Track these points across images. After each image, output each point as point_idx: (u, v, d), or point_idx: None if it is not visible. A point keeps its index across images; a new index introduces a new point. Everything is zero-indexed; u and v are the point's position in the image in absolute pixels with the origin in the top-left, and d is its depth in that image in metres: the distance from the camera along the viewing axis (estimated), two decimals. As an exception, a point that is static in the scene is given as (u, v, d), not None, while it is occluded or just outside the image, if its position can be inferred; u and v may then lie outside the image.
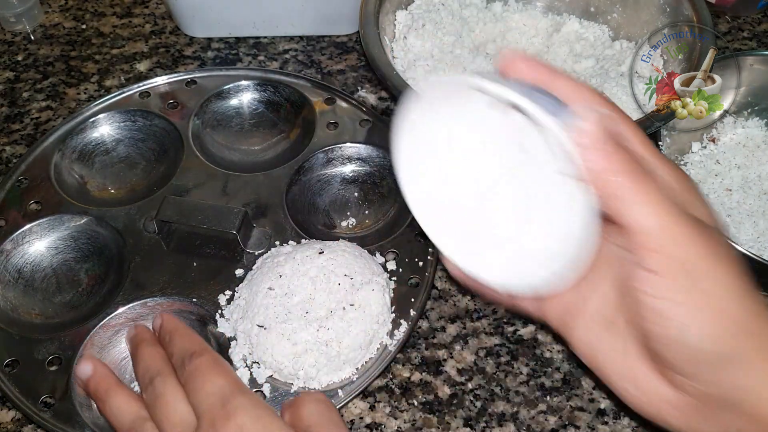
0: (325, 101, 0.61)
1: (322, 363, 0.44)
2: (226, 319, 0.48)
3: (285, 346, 0.44)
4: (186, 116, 0.60)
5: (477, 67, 0.58)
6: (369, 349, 0.46)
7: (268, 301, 0.46)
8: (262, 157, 0.60)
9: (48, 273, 0.52)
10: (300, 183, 0.56)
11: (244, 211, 0.51)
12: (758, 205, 0.55)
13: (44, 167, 0.57)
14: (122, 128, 0.60)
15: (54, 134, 0.59)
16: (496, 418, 0.46)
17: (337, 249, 0.48)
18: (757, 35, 0.72)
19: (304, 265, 0.47)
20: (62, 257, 0.53)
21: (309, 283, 0.46)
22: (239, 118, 0.62)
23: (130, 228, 0.53)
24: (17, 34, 0.71)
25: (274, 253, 0.50)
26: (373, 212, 0.56)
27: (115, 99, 0.61)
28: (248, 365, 0.46)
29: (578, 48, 0.63)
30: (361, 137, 0.58)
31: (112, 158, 0.60)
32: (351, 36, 0.70)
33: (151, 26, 0.72)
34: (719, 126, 0.60)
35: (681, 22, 0.57)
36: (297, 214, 0.55)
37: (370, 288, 0.46)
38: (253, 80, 0.62)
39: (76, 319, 0.49)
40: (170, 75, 0.63)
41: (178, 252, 0.52)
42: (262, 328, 0.45)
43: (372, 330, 0.46)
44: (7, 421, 0.46)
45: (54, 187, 0.55)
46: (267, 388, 0.45)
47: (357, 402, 0.47)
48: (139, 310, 0.49)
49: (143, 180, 0.58)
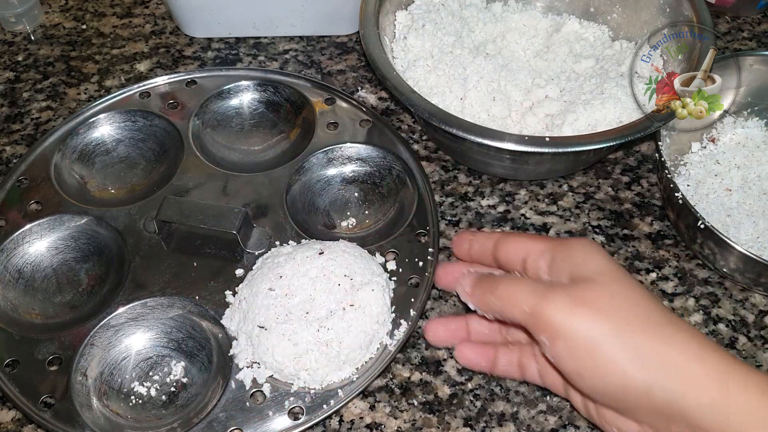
0: (325, 101, 0.61)
1: (322, 363, 0.44)
2: (227, 319, 0.48)
3: (286, 347, 0.44)
4: (186, 116, 0.60)
5: (477, 67, 0.58)
6: (369, 349, 0.46)
7: (269, 302, 0.46)
8: (262, 158, 0.60)
9: (48, 273, 0.52)
10: (300, 183, 0.56)
11: (244, 212, 0.51)
12: (758, 205, 0.55)
13: (44, 167, 0.57)
14: (122, 128, 0.60)
15: (54, 134, 0.59)
16: (496, 418, 0.46)
17: (337, 249, 0.48)
18: (757, 35, 0.72)
19: (304, 265, 0.47)
20: (62, 257, 0.53)
21: (309, 283, 0.46)
22: (239, 118, 0.62)
23: (130, 228, 0.53)
24: (17, 34, 0.71)
25: (274, 254, 0.50)
26: (373, 212, 0.56)
27: (115, 99, 0.61)
28: (249, 365, 0.46)
29: (578, 48, 0.63)
30: (361, 137, 0.58)
31: (112, 158, 0.60)
32: (351, 36, 0.70)
33: (152, 26, 0.72)
34: (719, 126, 0.60)
35: (681, 22, 0.57)
36: (297, 214, 0.55)
37: (370, 288, 0.46)
38: (253, 80, 0.62)
39: (77, 319, 0.49)
40: (170, 75, 0.63)
41: (178, 252, 0.52)
42: (262, 328, 0.45)
43: (372, 330, 0.46)
44: (7, 421, 0.46)
45: (54, 187, 0.55)
46: (267, 388, 0.45)
47: (357, 402, 0.47)
48: (139, 310, 0.49)
49: (143, 180, 0.58)
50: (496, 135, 0.49)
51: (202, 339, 0.48)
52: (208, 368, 0.47)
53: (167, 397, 0.46)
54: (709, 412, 0.32)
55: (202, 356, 0.48)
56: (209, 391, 0.46)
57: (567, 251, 0.38)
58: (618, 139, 0.50)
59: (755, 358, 0.49)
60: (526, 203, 0.58)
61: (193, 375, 0.47)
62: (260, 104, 0.63)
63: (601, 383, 0.34)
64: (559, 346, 0.34)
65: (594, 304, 0.34)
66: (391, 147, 0.57)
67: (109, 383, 0.47)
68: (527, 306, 0.36)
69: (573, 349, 0.34)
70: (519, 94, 0.58)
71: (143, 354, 0.48)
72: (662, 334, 0.34)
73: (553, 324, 0.34)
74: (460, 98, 0.57)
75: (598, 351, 0.33)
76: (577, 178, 0.60)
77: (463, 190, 0.58)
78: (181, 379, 0.47)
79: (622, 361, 0.33)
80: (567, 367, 0.35)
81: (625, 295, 0.35)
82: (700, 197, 0.56)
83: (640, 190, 0.59)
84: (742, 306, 0.52)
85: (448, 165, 0.60)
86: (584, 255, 0.37)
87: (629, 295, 0.35)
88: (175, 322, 0.49)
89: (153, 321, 0.49)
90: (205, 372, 0.47)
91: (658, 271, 0.54)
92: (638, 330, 0.34)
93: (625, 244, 0.55)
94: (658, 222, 0.57)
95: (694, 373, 0.33)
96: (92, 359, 0.47)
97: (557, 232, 0.56)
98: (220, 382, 0.46)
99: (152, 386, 0.47)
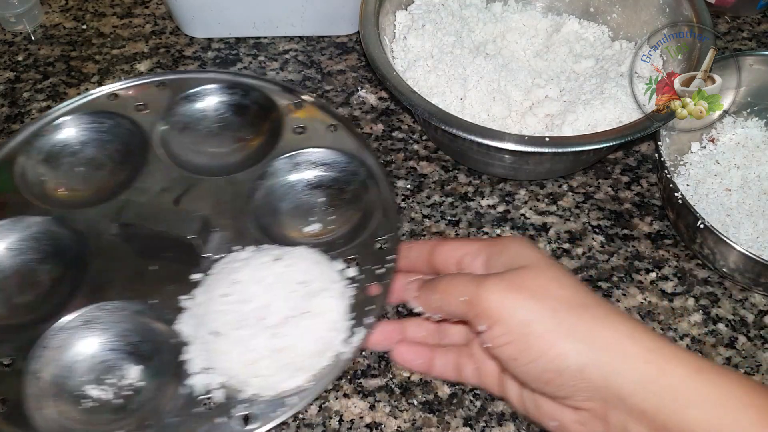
0: (294, 105, 0.60)
1: (275, 370, 0.44)
2: (182, 324, 0.47)
3: (238, 353, 0.43)
4: (153, 118, 0.59)
5: (477, 67, 0.58)
6: (324, 357, 0.45)
7: (223, 308, 0.45)
8: (227, 161, 0.59)
9: (7, 274, 0.51)
10: (264, 188, 0.55)
11: (203, 216, 0.50)
12: (757, 205, 0.55)
13: (8, 168, 0.55)
14: (90, 130, 0.59)
15: (20, 135, 0.58)
16: (495, 417, 0.46)
17: (295, 255, 0.48)
18: (757, 35, 0.72)
19: (260, 271, 0.46)
20: (23, 258, 0.52)
21: (265, 289, 0.45)
22: (207, 121, 0.61)
23: (92, 230, 0.52)
24: (17, 34, 0.71)
25: (231, 259, 0.49)
26: (337, 218, 0.55)
27: (84, 100, 0.60)
28: (202, 371, 0.45)
29: (578, 48, 0.63)
30: (328, 142, 0.57)
31: (79, 160, 0.58)
32: (351, 36, 0.70)
33: (152, 27, 0.72)
34: (719, 126, 0.60)
35: (681, 22, 0.57)
36: (260, 218, 0.53)
37: (327, 295, 0.46)
38: (222, 83, 0.61)
39: (32, 320, 0.48)
40: (139, 77, 0.62)
41: (138, 255, 0.51)
42: (215, 334, 0.44)
43: (328, 337, 0.45)
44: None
45: (18, 189, 0.54)
46: (219, 394, 0.44)
47: (357, 402, 0.47)
48: (95, 313, 0.48)
49: (108, 182, 0.57)
50: (496, 135, 0.50)
51: (156, 343, 0.47)
52: (162, 373, 0.46)
53: (120, 401, 0.46)
54: (642, 390, 0.33)
55: (157, 361, 0.47)
56: (162, 396, 0.45)
57: (500, 247, 0.39)
58: (618, 139, 0.50)
59: (755, 358, 0.49)
60: (526, 203, 0.58)
61: (147, 379, 0.46)
62: (228, 107, 0.61)
63: (537, 367, 0.35)
64: (496, 330, 0.35)
65: (528, 287, 0.36)
66: (358, 153, 0.56)
67: (63, 386, 0.46)
68: (466, 294, 0.37)
69: (509, 332, 0.35)
70: (519, 94, 0.58)
71: (98, 357, 0.47)
72: (594, 315, 0.35)
73: (490, 309, 0.35)
74: (460, 98, 0.57)
75: (533, 332, 0.34)
76: (577, 178, 0.60)
77: (463, 190, 0.59)
78: (134, 384, 0.46)
79: (556, 340, 0.34)
80: (504, 353, 0.36)
81: (558, 279, 0.36)
82: (700, 197, 0.56)
83: (639, 190, 0.59)
84: (741, 306, 0.52)
85: (448, 165, 0.60)
86: (517, 249, 0.39)
87: (562, 280, 0.36)
88: (131, 325, 0.48)
89: (109, 324, 0.48)
90: (158, 377, 0.46)
91: (657, 271, 0.54)
92: (571, 311, 0.35)
93: (624, 244, 0.55)
94: (657, 222, 0.57)
95: (626, 351, 0.33)
96: (46, 362, 0.46)
97: (557, 232, 0.56)
98: (173, 387, 0.45)
99: (106, 390, 0.46)
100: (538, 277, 0.36)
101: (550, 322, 0.34)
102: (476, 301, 0.36)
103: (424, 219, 0.56)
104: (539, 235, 0.56)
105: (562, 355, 0.34)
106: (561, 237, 0.56)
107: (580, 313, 0.35)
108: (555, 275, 0.37)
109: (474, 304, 0.36)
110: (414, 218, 0.57)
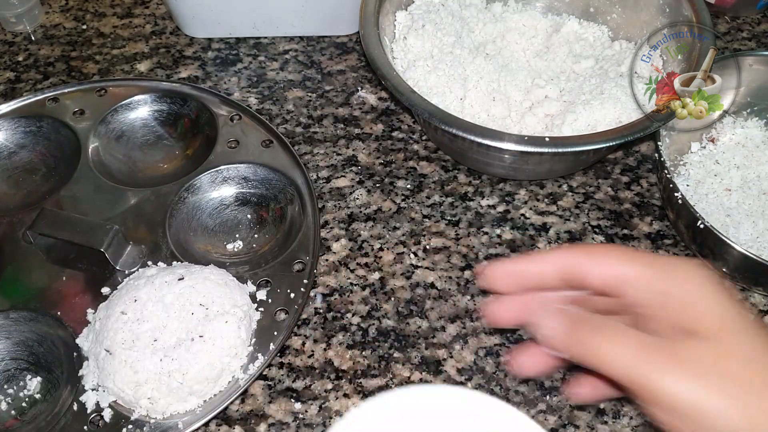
0: (231, 118, 0.59)
1: (163, 393, 0.43)
2: (83, 338, 0.47)
3: (126, 374, 0.43)
4: (89, 126, 0.58)
5: (477, 67, 0.58)
6: (218, 383, 0.45)
7: (119, 326, 0.44)
8: (156, 173, 0.58)
9: None
10: (188, 202, 0.55)
11: (115, 228, 0.50)
12: (757, 205, 0.55)
13: None
14: (27, 134, 0.59)
15: None
16: (495, 417, 0.46)
17: (200, 276, 0.47)
18: (757, 35, 0.72)
19: (161, 290, 0.46)
20: None
21: (163, 310, 0.45)
22: (143, 130, 0.61)
23: (9, 236, 0.52)
24: (18, 34, 0.72)
25: (137, 275, 0.48)
26: (261, 237, 0.54)
27: (24, 103, 0.60)
28: (94, 388, 0.45)
29: (578, 48, 0.63)
30: (260, 158, 0.56)
31: (13, 163, 0.58)
32: (351, 36, 0.70)
33: (152, 27, 0.72)
34: (718, 126, 0.60)
35: (680, 22, 0.57)
36: (178, 234, 0.53)
37: (224, 320, 0.45)
38: (160, 93, 0.61)
39: None
40: (82, 83, 0.62)
41: (51, 264, 0.51)
42: (107, 352, 0.44)
43: (222, 363, 0.44)
44: None
45: None
46: (108, 413, 0.44)
47: (357, 401, 0.47)
48: (1, 321, 0.48)
49: (40, 187, 0.57)
50: (496, 135, 0.50)
51: (59, 356, 0.47)
52: (61, 386, 0.46)
53: (16, 411, 0.45)
54: None
55: (58, 373, 0.47)
56: (56, 409, 0.45)
57: (670, 282, 0.32)
58: (618, 139, 0.50)
59: (755, 358, 0.49)
60: (526, 203, 0.58)
61: (46, 391, 0.46)
62: (164, 117, 0.61)
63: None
64: (666, 416, 0.30)
65: (711, 375, 0.30)
66: (288, 171, 0.56)
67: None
68: (627, 366, 0.31)
69: (683, 423, 0.30)
70: (519, 94, 0.58)
71: (0, 366, 0.47)
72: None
73: (662, 398, 0.30)
74: (460, 98, 0.57)
75: (708, 421, 0.29)
76: (576, 178, 0.60)
77: (463, 190, 0.59)
78: (34, 394, 0.46)
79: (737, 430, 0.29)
80: (670, 429, 0.31)
81: (752, 355, 0.30)
82: (700, 197, 0.56)
83: (639, 190, 0.59)
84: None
85: (448, 165, 0.60)
86: (694, 291, 0.31)
87: (756, 353, 0.30)
88: (36, 336, 0.48)
89: (14, 333, 0.48)
90: (57, 390, 0.46)
91: (657, 271, 0.54)
92: (763, 401, 0.29)
93: (624, 244, 0.55)
94: (657, 222, 0.57)
95: None
96: None
97: (557, 232, 0.56)
98: (67, 402, 0.45)
99: (4, 399, 0.46)
100: (724, 358, 0.30)
101: (734, 413, 0.29)
102: (641, 382, 0.30)
103: (424, 219, 0.56)
104: (539, 235, 0.56)
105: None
106: (561, 237, 0.56)
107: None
108: (746, 350, 0.30)
109: (638, 385, 0.30)
110: (414, 218, 0.57)
